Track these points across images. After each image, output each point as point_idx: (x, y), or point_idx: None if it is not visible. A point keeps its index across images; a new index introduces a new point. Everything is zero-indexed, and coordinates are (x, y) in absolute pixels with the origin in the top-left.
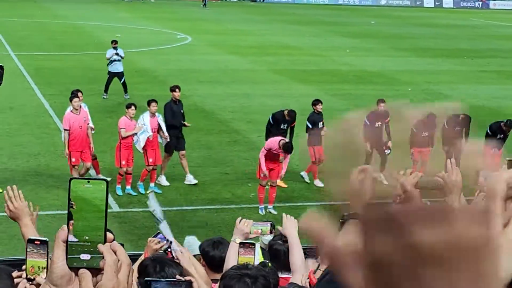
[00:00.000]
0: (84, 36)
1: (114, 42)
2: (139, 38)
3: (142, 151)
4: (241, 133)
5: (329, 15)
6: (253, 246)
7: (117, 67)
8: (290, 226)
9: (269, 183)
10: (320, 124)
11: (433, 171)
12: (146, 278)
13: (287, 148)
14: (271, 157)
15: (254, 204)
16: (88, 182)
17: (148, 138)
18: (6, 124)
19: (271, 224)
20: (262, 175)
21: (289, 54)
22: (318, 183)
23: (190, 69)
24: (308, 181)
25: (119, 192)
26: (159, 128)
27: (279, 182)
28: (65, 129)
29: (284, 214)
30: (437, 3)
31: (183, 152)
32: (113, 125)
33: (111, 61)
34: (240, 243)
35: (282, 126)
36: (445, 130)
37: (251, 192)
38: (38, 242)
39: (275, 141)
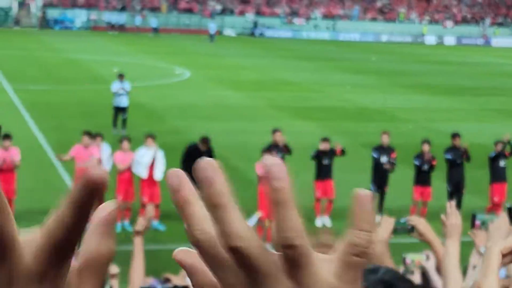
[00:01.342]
0: (81, 69)
1: (120, 75)
2: (136, 72)
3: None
4: (239, 170)
5: (330, 51)
6: None
7: (123, 101)
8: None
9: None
10: (325, 161)
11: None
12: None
13: None
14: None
15: None
16: None
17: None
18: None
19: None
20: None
21: (289, 90)
22: (318, 221)
23: (187, 105)
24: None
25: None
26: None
27: None
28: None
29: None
30: (438, 40)
31: None
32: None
33: (117, 95)
34: None
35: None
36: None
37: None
38: None
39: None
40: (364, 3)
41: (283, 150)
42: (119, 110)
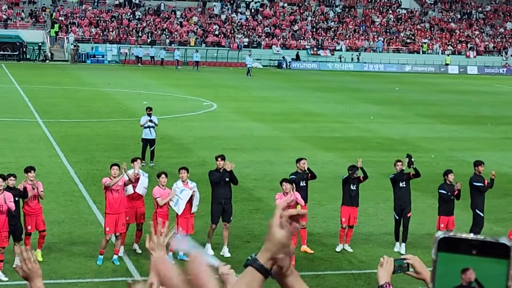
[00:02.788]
0: (111, 102)
1: (149, 109)
2: (165, 105)
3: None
4: (264, 201)
5: (354, 82)
6: None
7: (151, 134)
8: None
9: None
10: (354, 186)
11: None
12: None
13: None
14: None
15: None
16: None
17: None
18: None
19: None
20: None
21: (313, 121)
22: (348, 248)
23: (214, 136)
24: (351, 250)
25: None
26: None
27: (305, 248)
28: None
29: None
30: (461, 70)
31: (228, 224)
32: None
33: (145, 127)
34: None
35: None
36: None
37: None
38: None
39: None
40: (388, 35)
41: (307, 177)
42: (147, 142)
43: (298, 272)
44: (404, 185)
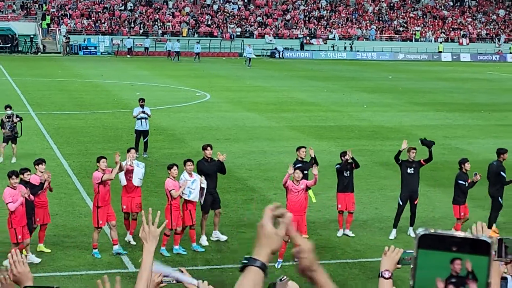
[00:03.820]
0: (103, 94)
1: (141, 100)
2: (157, 96)
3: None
4: (258, 191)
5: (347, 70)
6: None
7: (144, 125)
8: None
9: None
10: (347, 173)
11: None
12: None
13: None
14: (293, 205)
15: (271, 262)
16: None
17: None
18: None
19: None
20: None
21: (307, 110)
22: (349, 232)
23: (207, 127)
24: (353, 235)
25: (165, 253)
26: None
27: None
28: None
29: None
30: (454, 57)
31: (219, 210)
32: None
33: (138, 119)
34: None
35: None
36: None
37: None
38: None
39: (286, 176)
40: (381, 23)
41: (309, 165)
42: (140, 133)
43: (292, 260)
44: (413, 172)
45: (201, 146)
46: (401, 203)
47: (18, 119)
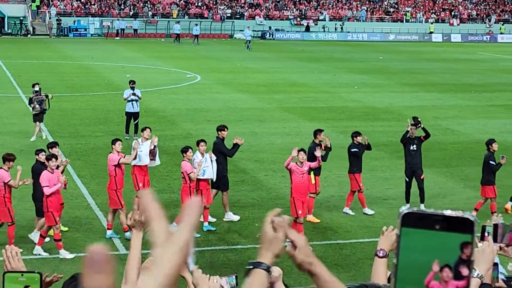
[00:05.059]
0: (94, 76)
1: (132, 82)
2: (148, 77)
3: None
4: (248, 172)
5: (338, 51)
6: None
7: (134, 107)
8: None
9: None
10: (357, 150)
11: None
12: None
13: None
14: (298, 187)
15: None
16: (22, 275)
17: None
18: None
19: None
20: (299, 212)
21: (298, 92)
22: (368, 211)
23: (198, 108)
24: (353, 214)
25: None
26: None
27: (311, 218)
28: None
29: None
30: (445, 38)
31: (228, 191)
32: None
33: (128, 101)
34: None
35: None
36: None
37: (257, 233)
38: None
39: (289, 159)
40: (371, 4)
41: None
42: (131, 115)
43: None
44: (415, 149)
45: (192, 128)
46: (407, 179)
47: (45, 95)
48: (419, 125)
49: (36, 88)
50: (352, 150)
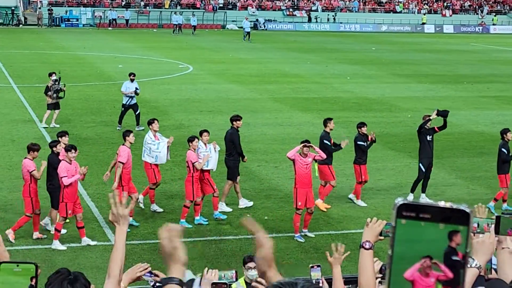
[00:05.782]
0: (86, 66)
1: (132, 74)
2: (140, 68)
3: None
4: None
5: (330, 42)
6: (225, 286)
7: (133, 100)
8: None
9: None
10: (365, 144)
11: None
12: None
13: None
14: (302, 178)
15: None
16: (17, 266)
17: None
18: (7, 157)
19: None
20: (299, 203)
21: (290, 82)
22: (361, 203)
23: (191, 99)
24: (365, 205)
25: (186, 224)
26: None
27: (320, 205)
28: (120, 162)
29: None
30: (437, 29)
31: (238, 177)
32: (112, 156)
33: (127, 94)
34: (212, 283)
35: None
36: None
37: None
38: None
39: (294, 150)
40: None
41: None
42: (129, 108)
43: (276, 233)
44: (431, 139)
45: (184, 118)
46: (423, 169)
47: (64, 85)
48: (446, 116)
49: (54, 77)
50: (359, 143)
